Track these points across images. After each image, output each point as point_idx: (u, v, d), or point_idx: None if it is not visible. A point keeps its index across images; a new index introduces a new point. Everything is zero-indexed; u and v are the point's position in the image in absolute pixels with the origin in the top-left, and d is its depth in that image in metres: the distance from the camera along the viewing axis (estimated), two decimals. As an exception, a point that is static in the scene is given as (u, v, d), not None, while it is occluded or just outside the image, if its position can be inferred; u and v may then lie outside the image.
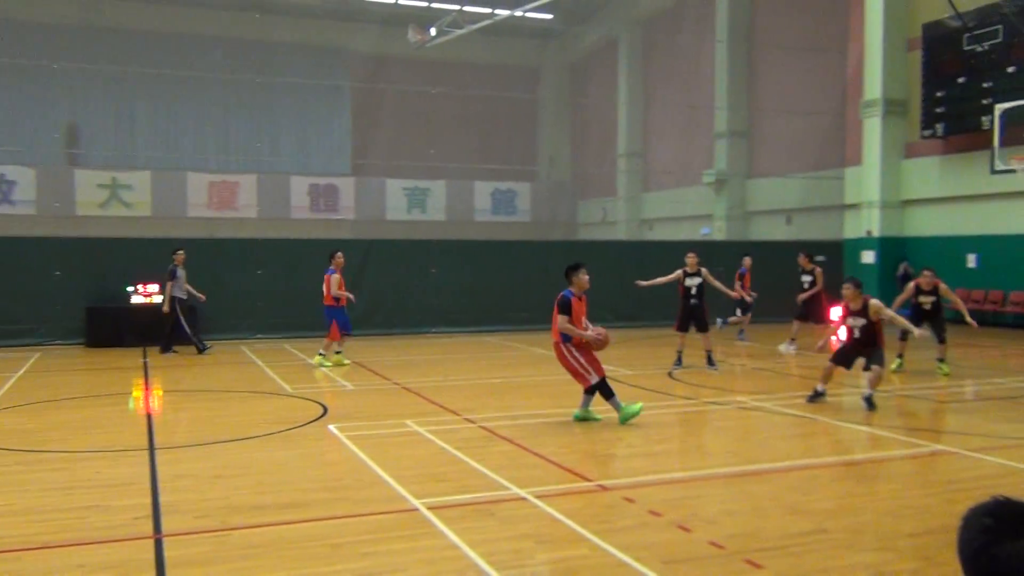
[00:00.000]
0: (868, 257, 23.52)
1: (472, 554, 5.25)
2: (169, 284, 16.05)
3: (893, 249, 23.17)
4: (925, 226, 23.02)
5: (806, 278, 16.58)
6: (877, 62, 23.34)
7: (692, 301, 13.69)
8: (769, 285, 18.98)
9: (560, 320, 9.16)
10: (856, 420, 9.83)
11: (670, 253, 23.17)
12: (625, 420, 9.17)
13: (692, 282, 13.68)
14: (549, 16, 33.22)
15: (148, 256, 17.99)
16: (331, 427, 9.24)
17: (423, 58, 32.53)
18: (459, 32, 29.00)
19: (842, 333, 10.70)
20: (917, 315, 13.16)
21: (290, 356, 16.05)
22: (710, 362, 13.55)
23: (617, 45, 36.60)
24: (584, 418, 9.47)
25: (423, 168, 32.83)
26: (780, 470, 7.44)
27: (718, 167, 30.15)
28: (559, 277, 12.14)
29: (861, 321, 10.48)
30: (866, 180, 23.83)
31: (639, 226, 35.93)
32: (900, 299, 13.48)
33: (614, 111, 36.54)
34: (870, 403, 10.08)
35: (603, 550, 5.32)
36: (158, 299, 17.20)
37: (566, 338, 9.20)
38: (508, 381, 12.96)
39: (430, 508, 6.17)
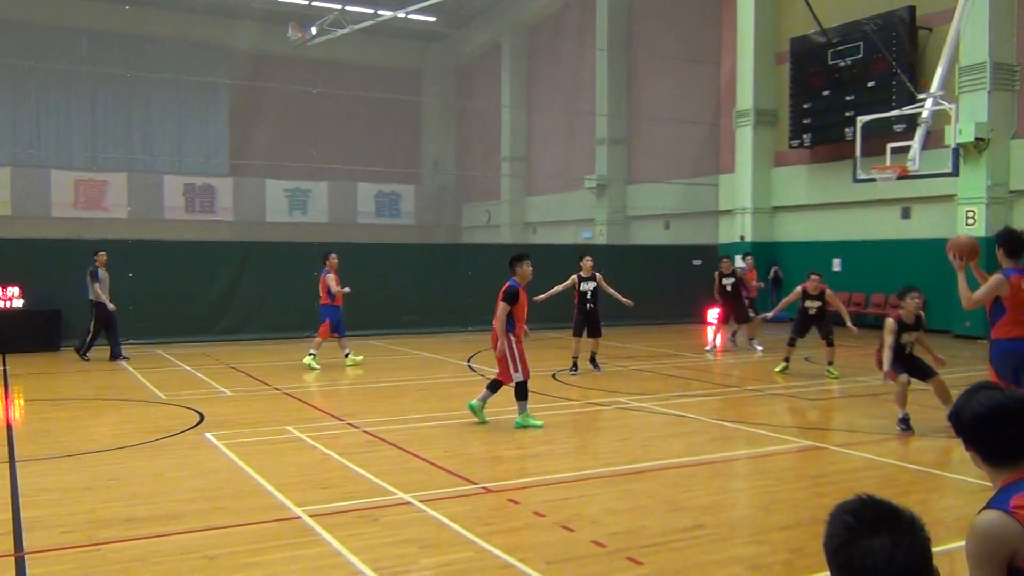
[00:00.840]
0: (741, 261, 24.41)
1: (355, 561, 5.18)
2: (96, 285, 15.24)
3: (764, 253, 24.14)
4: (794, 231, 24.10)
5: (727, 280, 16.75)
6: (749, 74, 24.33)
7: (588, 306, 13.72)
8: (648, 288, 19.48)
9: (501, 310, 9.23)
10: (732, 418, 10.20)
11: (553, 257, 23.52)
12: (520, 426, 9.23)
13: (587, 287, 13.68)
14: (432, 19, 33.15)
15: (6, 258, 17.00)
16: (208, 435, 8.93)
17: (304, 57, 31.92)
18: (341, 32, 28.61)
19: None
20: (803, 319, 13.53)
21: (164, 362, 15.45)
22: (594, 364, 13.79)
23: (501, 49, 36.87)
24: (476, 412, 9.57)
25: (305, 169, 32.18)
26: (660, 468, 7.63)
27: (599, 172, 30.76)
28: (443, 279, 12.16)
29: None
30: (739, 187, 24.80)
31: (523, 229, 36.27)
32: (785, 302, 13.89)
33: (498, 115, 36.78)
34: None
35: (488, 552, 5.33)
36: (18, 303, 16.27)
37: (512, 326, 9.28)
38: (393, 385, 12.85)
39: (312, 516, 6.05)
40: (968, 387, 2.78)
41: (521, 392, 9.32)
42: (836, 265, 22.31)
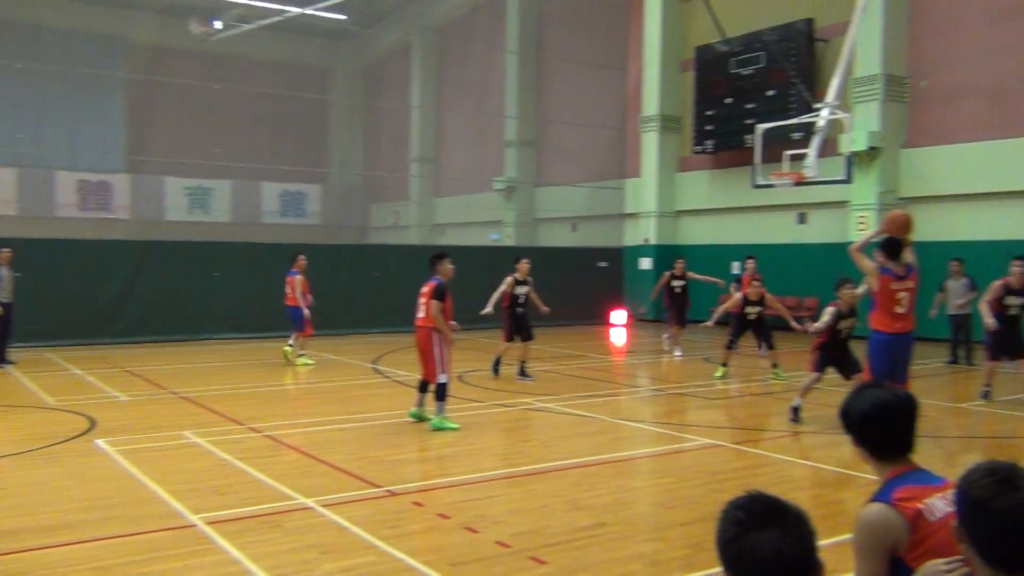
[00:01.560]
0: (645, 264, 24.91)
1: (254, 568, 5.05)
2: None
3: (668, 256, 24.61)
4: (696, 235, 24.68)
5: (677, 283, 16.41)
6: (654, 81, 24.81)
7: (519, 310, 13.07)
8: (556, 289, 19.62)
9: (433, 306, 9.27)
10: (635, 418, 10.36)
11: (462, 258, 23.47)
12: (437, 428, 9.20)
13: (521, 291, 13.04)
14: (342, 16, 32.67)
15: None
16: (99, 442, 8.58)
17: (208, 51, 31.08)
18: (247, 27, 27.99)
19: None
20: (742, 324, 13.49)
21: (55, 366, 14.79)
22: (523, 372, 13.11)
23: (411, 50, 36.66)
24: (420, 417, 9.58)
25: (206, 167, 31.27)
26: (564, 468, 7.69)
27: (508, 174, 30.88)
28: (350, 281, 12.01)
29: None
30: (644, 191, 25.26)
31: (431, 231, 36.13)
32: (725, 307, 13.68)
33: (407, 116, 36.55)
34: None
35: (390, 556, 5.27)
36: None
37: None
38: (297, 388, 12.61)
39: (210, 523, 5.87)
40: (855, 386, 2.88)
41: (442, 393, 9.31)
42: (735, 268, 22.93)
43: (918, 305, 8.83)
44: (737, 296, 13.53)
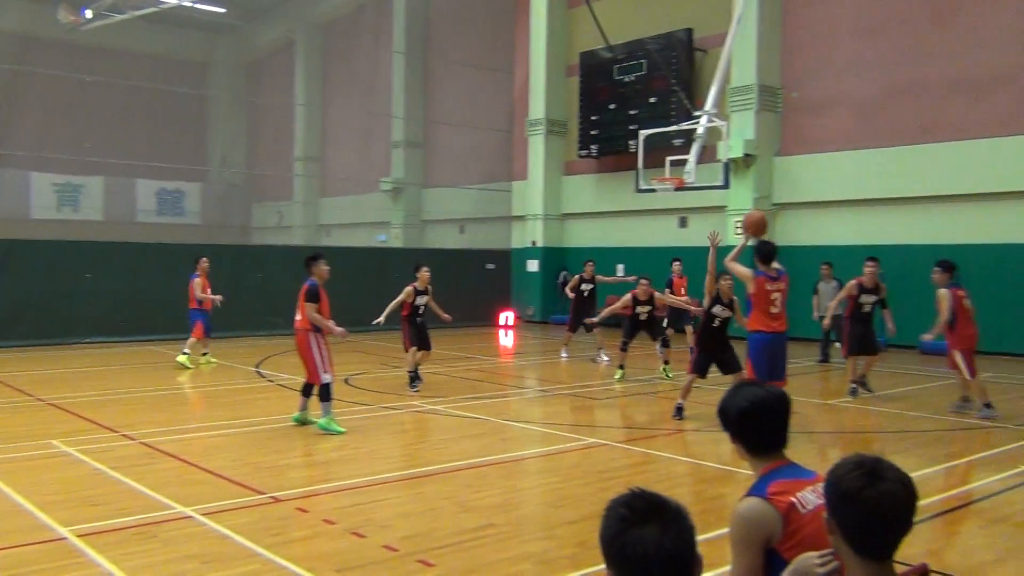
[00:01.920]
0: (532, 266, 25.19)
1: (129, 582, 4.85)
2: None
3: (554, 258, 25.02)
4: (582, 237, 25.10)
5: (587, 286, 16.21)
6: (541, 85, 25.12)
7: (419, 319, 12.57)
8: (444, 291, 19.58)
9: (308, 308, 9.19)
10: (522, 419, 10.45)
11: (349, 260, 23.19)
12: (324, 429, 9.10)
13: (421, 300, 12.54)
14: (220, 10, 31.73)
15: None
16: (-42, 453, 8.07)
17: (78, 42, 29.62)
18: (120, 17, 26.85)
19: None
20: (634, 324, 13.61)
21: (-95, 373, 13.82)
22: (416, 378, 12.41)
23: (294, 46, 35.94)
24: (304, 421, 9.48)
25: (76, 162, 29.85)
26: (452, 470, 7.69)
27: (395, 175, 30.67)
28: (231, 282, 11.68)
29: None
30: (531, 194, 25.53)
31: (316, 231, 35.51)
32: (613, 308, 13.74)
33: (291, 113, 35.82)
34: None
35: (274, 564, 5.16)
36: None
37: (318, 327, 9.26)
38: (175, 393, 12.17)
39: (81, 536, 5.60)
40: (732, 385, 3.00)
41: (325, 394, 9.22)
42: (620, 270, 23.43)
43: (791, 307, 9.30)
44: (626, 297, 13.63)
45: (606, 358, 15.65)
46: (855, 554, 2.21)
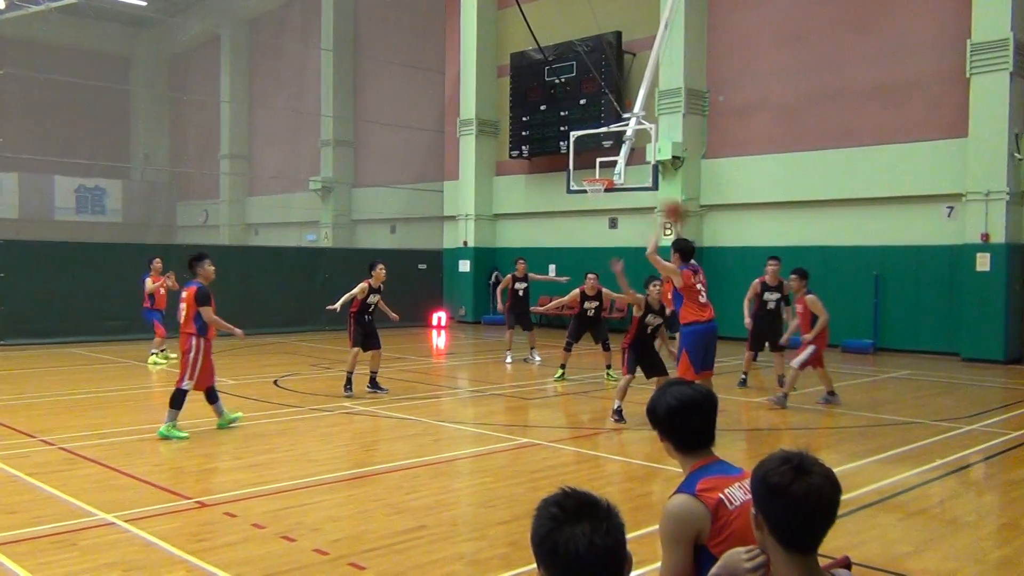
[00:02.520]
0: (464, 266, 25.16)
1: (48, 592, 4.69)
2: None
3: (486, 258, 25.03)
4: (513, 238, 25.17)
5: (520, 285, 15.95)
6: (471, 85, 25.10)
7: (367, 318, 12.21)
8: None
9: (205, 312, 9.03)
10: (454, 419, 10.43)
11: (277, 259, 22.85)
12: (163, 437, 8.78)
13: (373, 299, 12.15)
14: (141, 3, 30.89)
15: None
16: None
17: (-9, 33, 28.54)
18: (35, 8, 25.93)
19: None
20: (580, 322, 13.57)
21: None
22: (374, 384, 12.17)
23: (219, 41, 35.23)
24: (229, 422, 9.41)
25: (-11, 158, 28.74)
26: (384, 472, 7.64)
27: (324, 175, 30.32)
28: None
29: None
30: (462, 194, 25.50)
31: (244, 230, 34.88)
32: (559, 303, 13.66)
33: (216, 110, 35.11)
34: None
35: (201, 570, 5.05)
36: None
37: (203, 331, 9.08)
38: (95, 396, 11.81)
39: (-5, 546, 5.40)
40: (661, 384, 3.05)
41: (178, 401, 8.95)
42: (552, 270, 23.58)
43: (722, 305, 9.61)
44: (574, 292, 13.48)
45: (538, 358, 15.65)
46: (782, 548, 2.26)
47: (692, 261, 9.44)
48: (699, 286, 9.30)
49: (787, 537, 2.25)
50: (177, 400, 8.95)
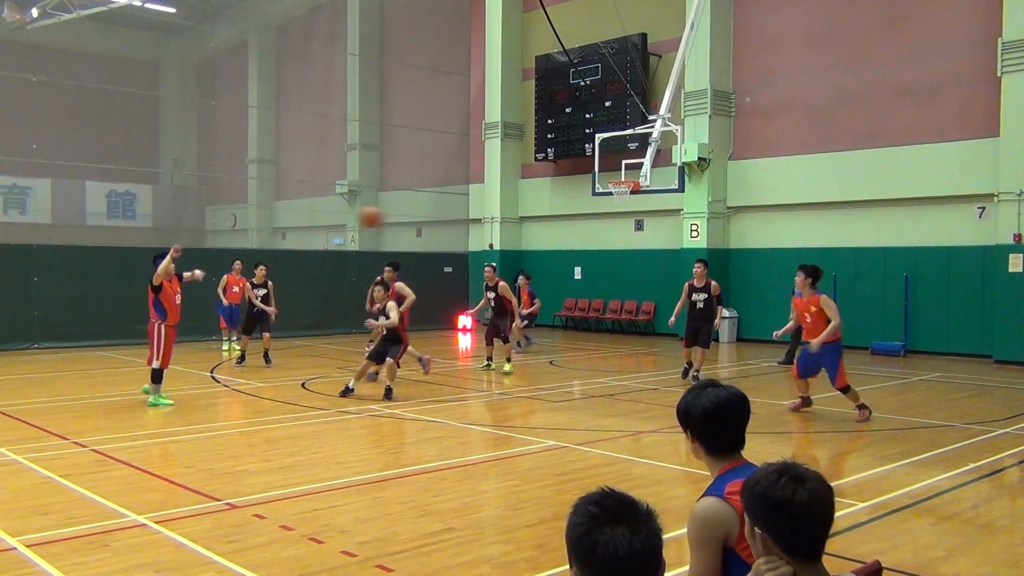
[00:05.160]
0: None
1: (82, 592, 4.75)
2: None
3: (512, 261, 25.02)
4: (539, 240, 25.17)
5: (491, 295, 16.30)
6: (496, 88, 25.14)
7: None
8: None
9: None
10: (480, 422, 10.44)
11: (304, 263, 23.00)
12: (153, 405, 10.77)
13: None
14: (170, 9, 31.23)
15: None
16: (-100, 462, 7.84)
17: (23, 41, 28.92)
18: (67, 16, 26.31)
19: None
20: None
21: None
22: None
23: (247, 47, 35.53)
24: (157, 403, 10.83)
25: (22, 164, 29.13)
26: (411, 474, 7.66)
27: (351, 178, 30.47)
28: (186, 285, 11.54)
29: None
30: (488, 197, 25.54)
31: (271, 234, 35.13)
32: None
33: (244, 115, 35.39)
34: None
35: (231, 571, 5.09)
36: None
37: (163, 314, 10.93)
38: (126, 399, 11.95)
39: (30, 545, 5.48)
40: (693, 386, 3.04)
41: (156, 377, 10.85)
42: (577, 273, 23.56)
43: (757, 310, 9.51)
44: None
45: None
46: (791, 559, 2.25)
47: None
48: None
49: (795, 548, 2.24)
50: (155, 376, 10.89)
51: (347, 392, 11.73)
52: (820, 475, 2.28)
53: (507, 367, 14.36)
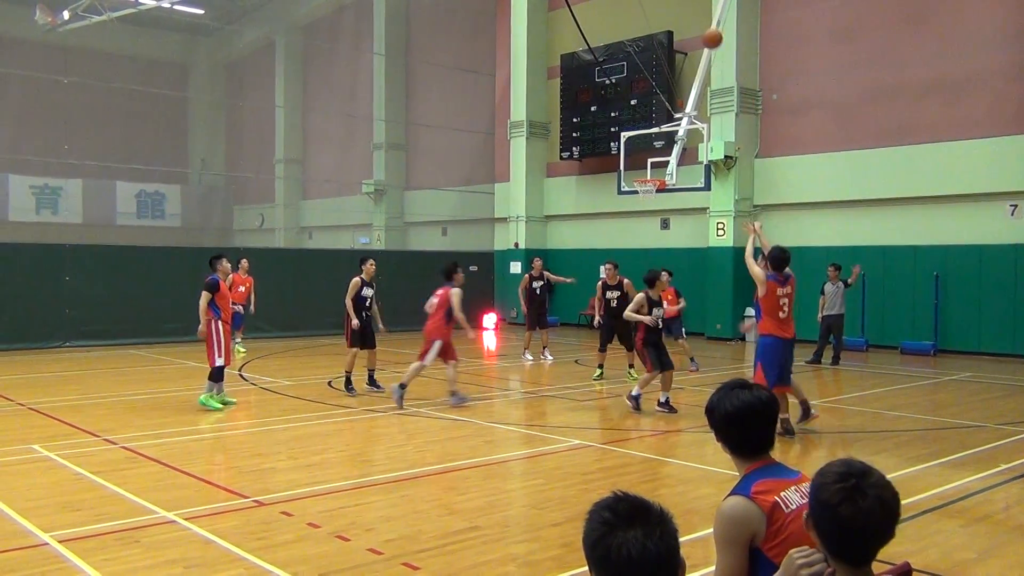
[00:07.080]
0: (516, 267, 25.17)
1: (112, 588, 4.81)
2: None
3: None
4: (565, 239, 25.14)
5: (537, 283, 16.40)
6: (522, 87, 25.14)
7: (365, 315, 12.42)
8: (427, 293, 19.53)
9: (204, 298, 10.62)
10: (506, 421, 10.45)
11: (330, 262, 23.11)
12: (202, 404, 10.59)
13: (368, 292, 12.51)
14: (199, 11, 31.55)
15: None
16: (-64, 458, 7.99)
17: (55, 43, 29.38)
18: (97, 18, 26.65)
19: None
20: (609, 327, 13.89)
21: None
22: (372, 382, 12.49)
23: (274, 48, 35.81)
24: (207, 404, 10.64)
25: (55, 164, 29.57)
26: (437, 472, 7.69)
27: (377, 178, 30.61)
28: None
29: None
30: (513, 196, 25.54)
31: (298, 233, 35.39)
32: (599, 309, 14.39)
33: (271, 115, 35.68)
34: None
35: (259, 568, 5.14)
36: None
37: (217, 314, 10.67)
38: (155, 397, 12.09)
39: (62, 541, 5.56)
40: (722, 385, 3.02)
41: (217, 375, 10.67)
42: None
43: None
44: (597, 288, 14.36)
45: (550, 358, 16.31)
46: (835, 561, 2.24)
47: (786, 270, 9.28)
48: (783, 300, 9.12)
49: (835, 550, 2.23)
50: (218, 375, 10.73)
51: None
52: (887, 493, 2.20)
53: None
